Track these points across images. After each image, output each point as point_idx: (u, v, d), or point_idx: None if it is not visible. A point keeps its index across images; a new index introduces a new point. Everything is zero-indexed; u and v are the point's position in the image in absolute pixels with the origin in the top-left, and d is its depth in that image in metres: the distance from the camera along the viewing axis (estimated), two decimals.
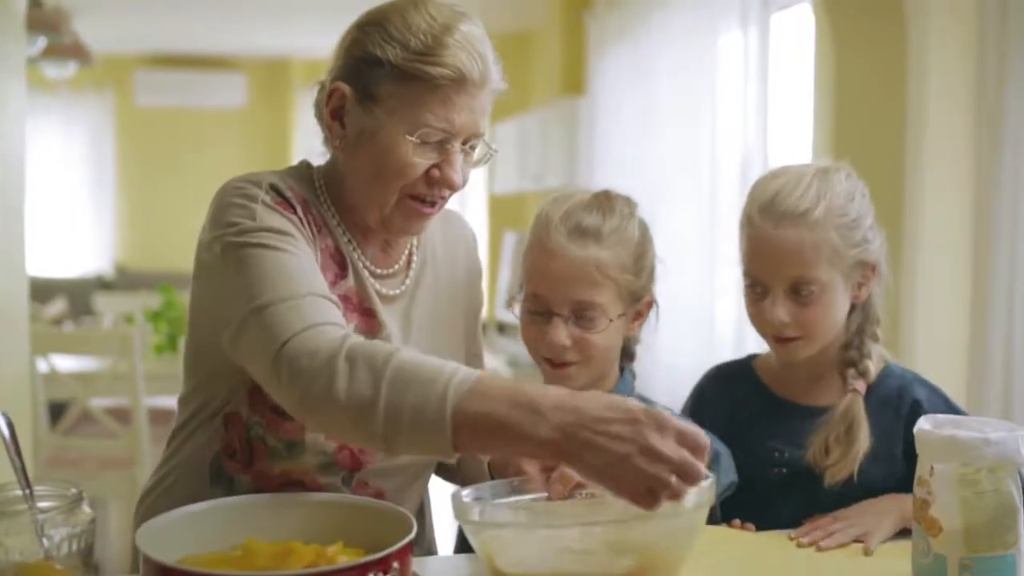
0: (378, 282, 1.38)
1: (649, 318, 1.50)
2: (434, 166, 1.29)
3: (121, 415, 3.82)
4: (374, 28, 1.28)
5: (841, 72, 3.00)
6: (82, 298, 6.54)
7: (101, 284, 7.37)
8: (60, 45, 4.48)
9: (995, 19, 2.50)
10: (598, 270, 1.39)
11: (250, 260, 1.22)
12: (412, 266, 1.44)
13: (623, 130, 4.63)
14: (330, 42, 1.37)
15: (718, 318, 3.67)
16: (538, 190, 5.42)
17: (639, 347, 1.56)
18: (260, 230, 1.24)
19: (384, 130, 1.28)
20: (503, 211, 6.48)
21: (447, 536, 1.55)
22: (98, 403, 3.83)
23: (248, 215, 1.25)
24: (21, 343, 3.27)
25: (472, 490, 1.20)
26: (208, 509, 1.15)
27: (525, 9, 5.74)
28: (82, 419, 3.95)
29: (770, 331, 1.46)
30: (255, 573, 1.01)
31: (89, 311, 6.16)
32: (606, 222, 1.41)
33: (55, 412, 3.89)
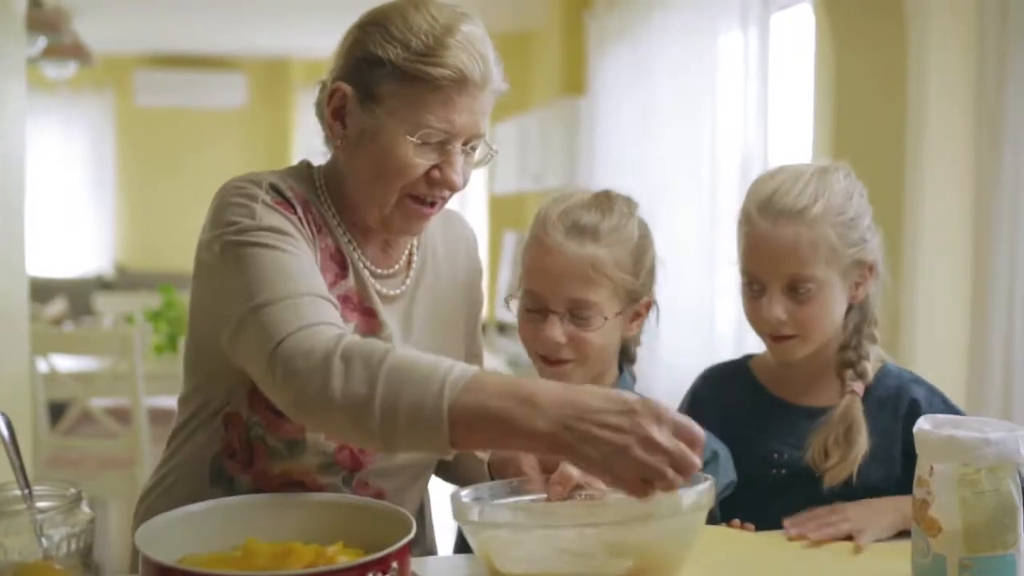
0: (378, 282, 1.38)
1: (649, 320, 1.50)
2: (435, 167, 1.29)
3: (121, 415, 3.82)
4: (375, 28, 1.28)
5: (841, 72, 3.00)
6: (82, 298, 6.54)
7: (101, 284, 7.37)
8: (60, 45, 4.47)
9: (995, 19, 2.50)
10: (594, 268, 1.39)
11: (249, 259, 1.22)
12: (412, 266, 1.44)
13: (623, 130, 4.63)
14: (330, 42, 1.37)
15: (718, 318, 3.66)
16: (538, 190, 5.41)
17: (640, 350, 1.56)
18: (260, 229, 1.24)
19: (385, 130, 1.28)
20: (503, 211, 6.48)
21: (447, 536, 1.55)
22: (98, 403, 3.83)
23: (248, 214, 1.25)
24: (21, 343, 3.27)
25: (471, 490, 1.21)
26: (207, 509, 1.16)
27: (525, 9, 5.74)
28: (82, 419, 3.95)
29: (767, 329, 1.46)
30: (254, 573, 1.01)
31: (89, 311, 6.16)
32: (604, 220, 1.41)
33: (55, 412, 3.89)
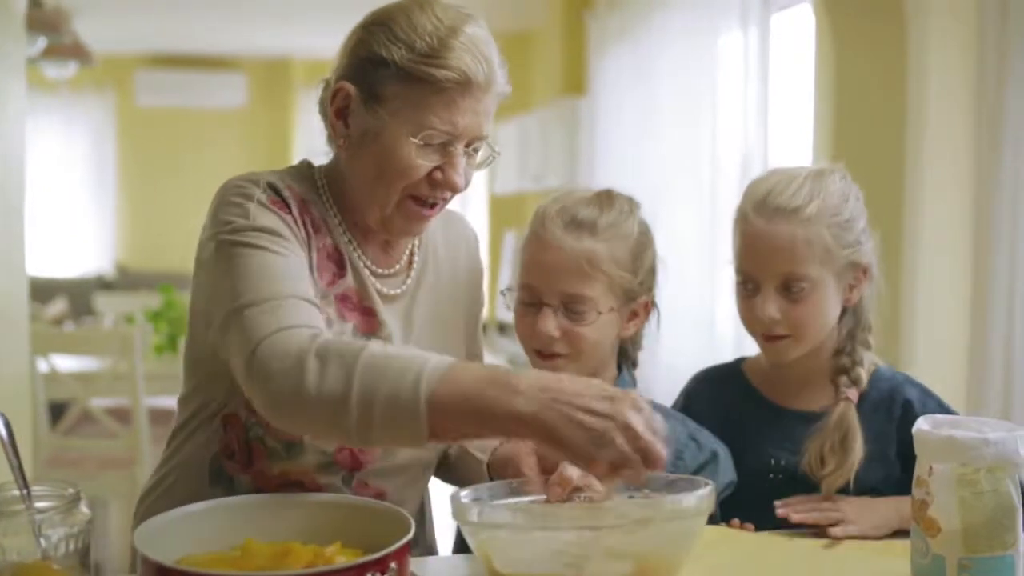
0: (379, 281, 1.38)
1: (650, 323, 1.50)
2: (437, 168, 1.29)
3: (121, 415, 3.82)
4: (379, 28, 1.28)
5: (841, 72, 3.00)
6: (82, 298, 6.54)
7: (101, 284, 7.37)
8: (60, 45, 4.47)
9: (995, 19, 2.50)
10: (589, 263, 1.39)
11: (238, 259, 1.22)
12: (414, 266, 1.44)
13: (624, 130, 4.63)
14: (331, 42, 1.37)
15: (718, 318, 3.66)
16: (539, 190, 5.41)
17: (641, 353, 1.56)
18: (252, 229, 1.24)
19: (388, 131, 1.27)
20: (503, 211, 6.48)
21: (447, 536, 1.55)
22: (98, 403, 3.83)
23: (242, 214, 1.25)
24: (21, 343, 3.27)
25: (471, 491, 1.20)
26: (206, 509, 1.15)
27: (525, 9, 5.74)
28: (82, 419, 3.95)
29: (760, 329, 1.46)
30: (253, 573, 1.01)
31: (89, 311, 6.17)
32: (603, 216, 1.41)
33: (55, 412, 3.89)
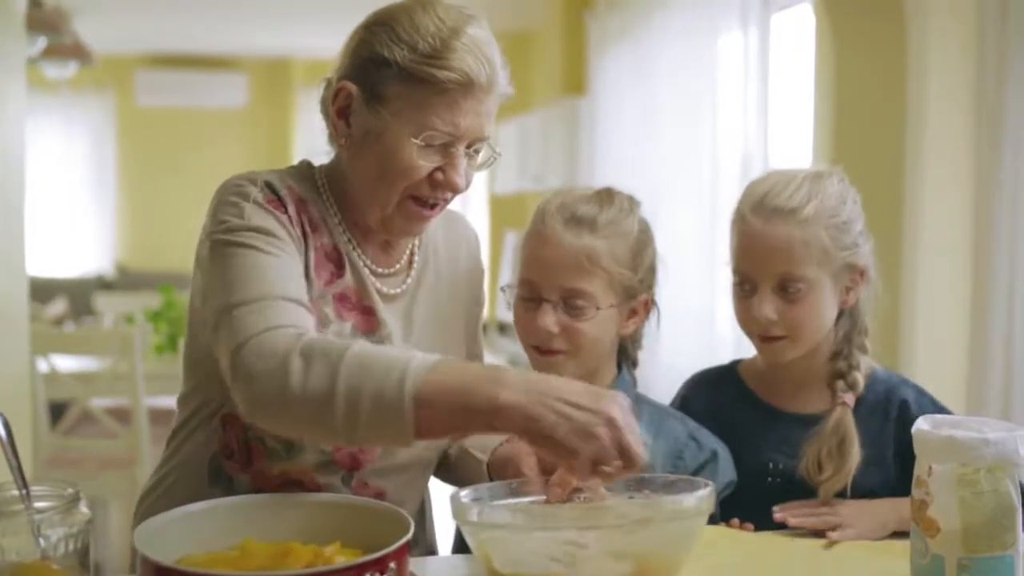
0: (379, 280, 1.38)
1: (650, 322, 1.50)
2: (438, 169, 1.29)
3: (121, 415, 3.82)
4: (382, 28, 1.28)
5: (841, 72, 3.00)
6: (82, 298, 6.54)
7: (102, 284, 7.37)
8: (60, 45, 4.47)
9: (995, 19, 2.50)
10: (589, 259, 1.39)
11: (231, 259, 1.22)
12: (414, 265, 1.43)
13: (624, 130, 4.63)
14: (331, 42, 1.37)
15: (718, 318, 3.67)
16: (539, 190, 5.42)
17: (641, 353, 1.56)
18: (246, 229, 1.24)
19: (389, 131, 1.27)
20: (504, 211, 6.48)
21: (447, 536, 1.55)
22: (98, 403, 3.83)
23: (237, 213, 1.26)
24: (21, 343, 3.27)
25: (471, 491, 1.20)
26: (206, 509, 1.16)
27: (525, 9, 5.74)
28: (82, 419, 3.95)
29: (756, 329, 1.46)
30: (252, 573, 1.01)
31: (89, 311, 6.16)
32: (603, 213, 1.42)
33: (55, 412, 3.89)
